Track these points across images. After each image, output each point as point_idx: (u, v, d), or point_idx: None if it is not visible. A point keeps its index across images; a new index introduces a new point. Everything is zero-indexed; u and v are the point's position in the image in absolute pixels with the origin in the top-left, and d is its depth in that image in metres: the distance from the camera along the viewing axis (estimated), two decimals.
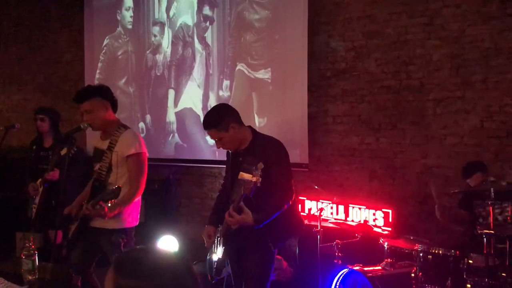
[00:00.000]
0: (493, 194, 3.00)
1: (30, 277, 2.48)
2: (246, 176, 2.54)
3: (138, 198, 3.23)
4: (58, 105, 6.07)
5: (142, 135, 6.00)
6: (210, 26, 5.56)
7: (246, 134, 2.92)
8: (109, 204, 2.96)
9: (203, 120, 2.90)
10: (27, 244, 2.56)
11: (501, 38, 4.11)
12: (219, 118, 2.84)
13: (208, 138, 5.49)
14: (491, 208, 3.00)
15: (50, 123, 4.39)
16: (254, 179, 2.52)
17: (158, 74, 6.02)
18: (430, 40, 4.40)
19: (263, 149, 2.81)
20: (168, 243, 5.15)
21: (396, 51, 4.57)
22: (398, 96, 4.57)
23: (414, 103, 4.49)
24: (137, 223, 3.31)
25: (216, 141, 2.90)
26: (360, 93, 4.77)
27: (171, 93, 5.90)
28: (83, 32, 6.68)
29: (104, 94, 3.21)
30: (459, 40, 4.27)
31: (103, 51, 6.48)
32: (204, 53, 5.61)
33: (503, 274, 2.98)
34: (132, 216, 3.24)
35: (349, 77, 4.82)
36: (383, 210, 4.26)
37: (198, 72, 5.67)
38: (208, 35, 5.58)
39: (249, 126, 2.98)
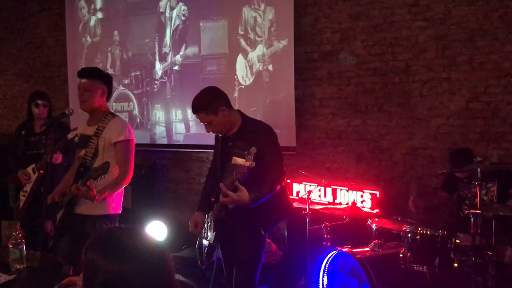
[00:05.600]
0: (479, 174, 3.03)
1: (18, 266, 2.45)
2: (239, 160, 2.53)
3: (125, 185, 3.23)
4: None
5: (128, 121, 5.93)
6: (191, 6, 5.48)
7: (235, 118, 2.90)
8: (99, 181, 3.00)
9: (192, 104, 2.86)
10: (14, 233, 2.52)
11: (486, 19, 4.12)
12: (208, 102, 2.81)
13: (193, 123, 5.46)
14: (478, 188, 3.03)
15: (49, 108, 4.26)
16: (248, 163, 2.50)
17: (145, 63, 5.92)
18: (416, 22, 4.40)
19: (253, 134, 2.79)
20: (156, 229, 5.14)
21: (382, 32, 4.55)
22: (384, 78, 4.57)
23: (400, 85, 4.50)
24: (120, 211, 3.31)
25: (205, 125, 2.88)
26: (346, 75, 4.76)
27: (157, 75, 5.83)
28: (64, 15, 6.52)
29: (108, 81, 3.29)
30: (444, 21, 4.27)
31: (86, 36, 6.35)
32: (188, 38, 5.54)
33: (489, 253, 3.03)
34: (115, 202, 3.25)
35: (336, 60, 4.80)
36: (370, 191, 4.29)
37: (183, 55, 5.60)
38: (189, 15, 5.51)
39: (238, 110, 2.97)
